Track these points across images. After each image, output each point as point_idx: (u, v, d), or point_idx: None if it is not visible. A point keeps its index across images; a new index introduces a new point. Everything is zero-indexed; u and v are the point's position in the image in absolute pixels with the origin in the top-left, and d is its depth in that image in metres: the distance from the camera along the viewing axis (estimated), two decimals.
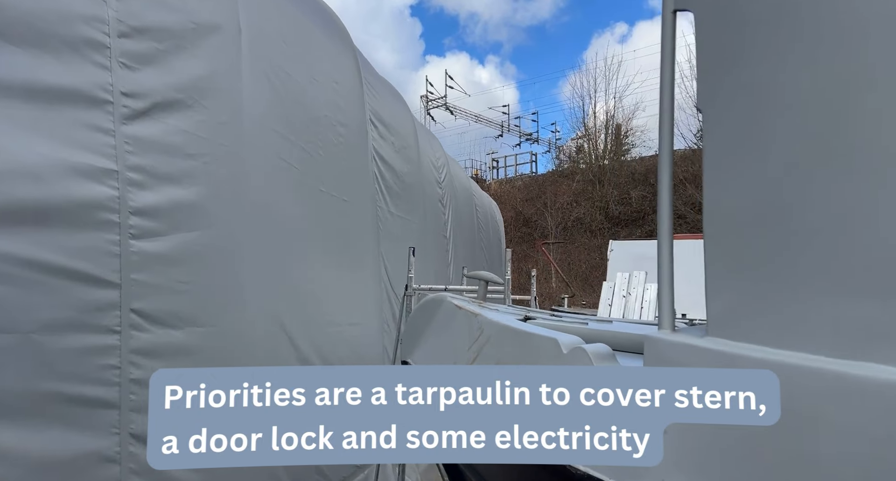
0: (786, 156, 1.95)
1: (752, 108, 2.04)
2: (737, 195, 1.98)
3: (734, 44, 2.10)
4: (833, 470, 1.39)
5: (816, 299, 1.55)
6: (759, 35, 2.10)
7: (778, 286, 1.68)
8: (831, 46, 2.00)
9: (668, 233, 2.23)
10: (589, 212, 26.94)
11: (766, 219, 1.96)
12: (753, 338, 1.70)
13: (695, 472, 1.68)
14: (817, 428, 1.41)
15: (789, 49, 2.10)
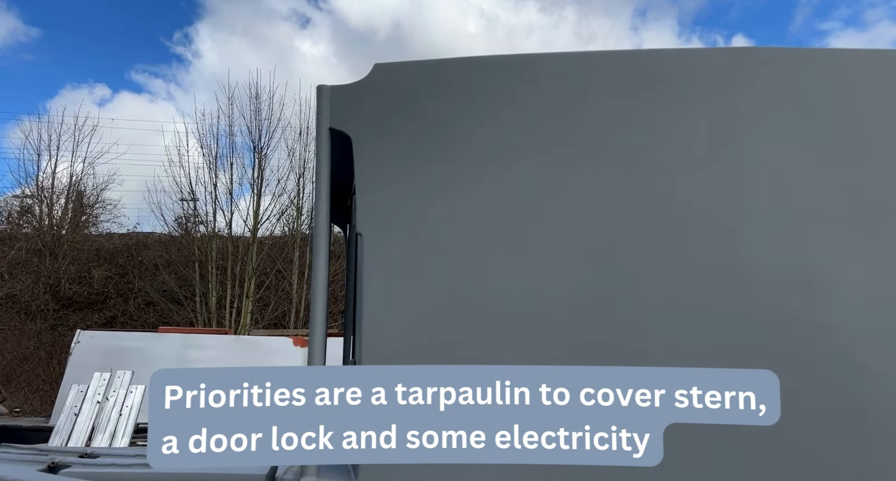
0: (445, 279, 2.11)
1: (412, 233, 2.16)
2: (396, 316, 2.09)
3: (393, 171, 2.21)
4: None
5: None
6: (418, 163, 2.24)
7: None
8: (489, 173, 2.20)
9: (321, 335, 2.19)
10: (29, 287, 20.33)
11: (427, 338, 2.08)
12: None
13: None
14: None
15: (446, 177, 2.24)
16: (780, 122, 2.14)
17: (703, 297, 2.01)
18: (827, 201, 2.06)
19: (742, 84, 2.20)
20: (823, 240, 2.03)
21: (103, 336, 12.35)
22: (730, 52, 2.47)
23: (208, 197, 20.69)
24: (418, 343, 2.06)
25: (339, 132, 2.24)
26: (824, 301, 1.98)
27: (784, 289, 1.98)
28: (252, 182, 20.69)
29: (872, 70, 2.21)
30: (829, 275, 1.99)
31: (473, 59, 2.37)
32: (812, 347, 1.92)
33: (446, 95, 2.29)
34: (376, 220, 2.16)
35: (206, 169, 20.60)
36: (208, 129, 20.48)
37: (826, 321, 1.95)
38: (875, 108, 2.15)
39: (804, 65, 2.23)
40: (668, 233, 2.08)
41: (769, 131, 2.13)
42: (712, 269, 2.03)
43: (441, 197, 2.17)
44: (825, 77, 2.21)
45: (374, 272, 2.10)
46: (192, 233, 21.36)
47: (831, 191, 2.07)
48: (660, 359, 1.89)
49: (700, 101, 2.20)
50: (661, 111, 2.19)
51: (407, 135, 2.24)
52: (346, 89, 2.29)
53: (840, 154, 2.11)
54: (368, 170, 2.19)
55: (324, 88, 2.30)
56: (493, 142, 2.21)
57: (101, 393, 9.47)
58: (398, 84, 2.31)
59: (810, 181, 2.08)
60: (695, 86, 2.23)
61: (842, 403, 1.89)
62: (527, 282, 2.07)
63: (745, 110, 2.17)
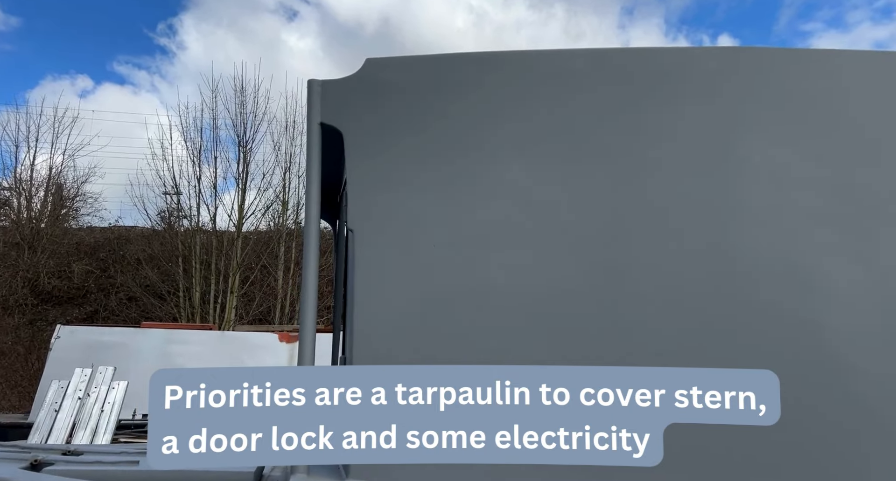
0: (436, 276, 2.12)
1: (404, 229, 2.16)
2: (387, 313, 2.09)
3: (385, 168, 2.20)
4: None
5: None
6: (411, 159, 2.24)
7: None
8: (483, 170, 2.20)
9: (311, 330, 2.16)
10: (7, 282, 19.83)
11: (419, 336, 2.09)
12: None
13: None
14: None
15: (439, 173, 2.23)
16: (768, 123, 2.17)
17: (683, 294, 2.03)
18: (812, 200, 2.09)
19: (730, 84, 2.22)
20: (807, 239, 2.06)
21: (84, 331, 12.03)
22: (717, 52, 2.49)
23: (192, 191, 20.35)
24: (410, 339, 2.05)
25: (331, 127, 2.22)
26: (802, 296, 2.01)
27: (767, 285, 2.01)
28: (237, 176, 20.39)
29: (855, 71, 2.25)
30: (812, 273, 2.02)
31: (468, 55, 2.37)
32: (795, 345, 1.95)
33: (440, 91, 2.28)
34: (368, 217, 2.14)
35: (190, 162, 20.26)
36: (192, 122, 20.13)
37: (807, 317, 1.98)
38: (861, 109, 2.19)
39: (789, 65, 2.26)
40: (654, 230, 2.09)
41: (758, 131, 2.15)
42: (695, 266, 2.05)
43: (434, 193, 2.16)
44: (811, 77, 2.24)
45: (366, 268, 2.09)
46: (175, 228, 20.92)
47: (818, 190, 2.10)
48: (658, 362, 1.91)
49: (688, 101, 2.22)
50: (648, 109, 2.20)
51: (399, 130, 2.23)
52: (337, 84, 2.27)
53: (828, 154, 2.15)
54: (360, 166, 2.18)
55: (314, 83, 2.27)
56: (486, 138, 2.21)
57: (82, 390, 9.27)
58: (391, 79, 2.30)
59: (796, 180, 2.11)
60: (682, 85, 2.24)
61: (827, 401, 1.92)
62: (520, 280, 2.08)
63: (734, 110, 2.19)
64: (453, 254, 2.10)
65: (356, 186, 2.18)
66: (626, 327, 2.01)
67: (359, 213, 2.15)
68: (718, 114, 2.18)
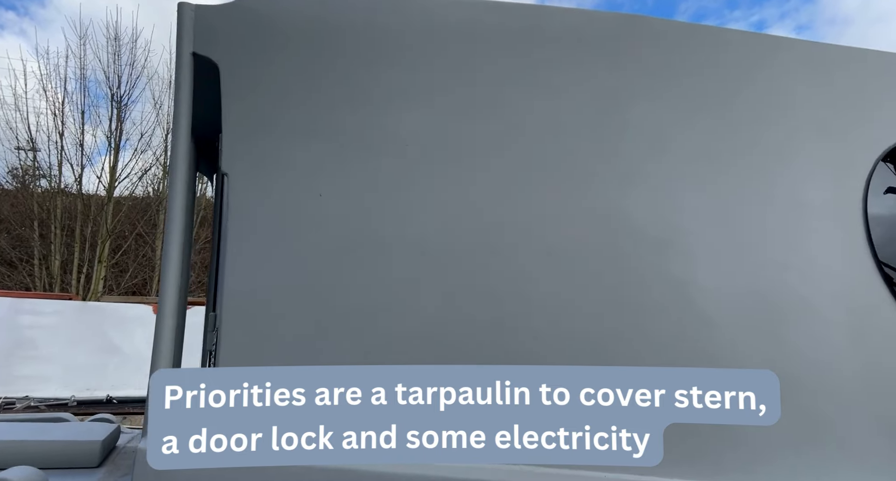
0: (320, 227, 1.96)
1: (284, 176, 1.96)
2: (261, 268, 1.90)
3: (265, 108, 2.01)
4: None
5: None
6: (294, 101, 2.03)
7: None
8: (370, 117, 2.07)
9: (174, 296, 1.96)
10: None
11: (297, 297, 1.92)
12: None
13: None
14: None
15: (323, 118, 2.03)
16: (667, 93, 2.17)
17: (580, 266, 2.00)
18: (697, 167, 2.13)
19: (631, 51, 2.21)
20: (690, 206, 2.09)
21: None
22: (622, 18, 2.40)
23: (52, 147, 17.95)
24: (287, 296, 1.90)
25: (205, 58, 2.02)
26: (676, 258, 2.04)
27: (663, 257, 2.03)
28: (109, 134, 17.97)
29: (748, 51, 2.28)
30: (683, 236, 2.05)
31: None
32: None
33: (332, 31, 2.10)
34: (244, 160, 1.95)
35: (51, 115, 17.84)
36: (53, 70, 17.83)
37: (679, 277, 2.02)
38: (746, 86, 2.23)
39: (693, 40, 2.27)
40: (548, 190, 2.05)
41: (655, 100, 2.16)
42: (594, 233, 2.04)
43: (317, 139, 2.00)
44: (710, 53, 2.26)
45: (240, 217, 1.90)
46: (30, 188, 18.60)
47: (702, 157, 2.14)
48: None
49: (590, 63, 2.17)
50: (551, 69, 2.15)
51: (283, 68, 2.05)
52: (215, 10, 2.06)
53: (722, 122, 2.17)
54: (238, 104, 1.99)
55: (186, 6, 2.07)
56: (375, 85, 2.07)
57: None
58: (279, 11, 2.10)
59: (688, 147, 2.13)
60: (587, 48, 2.19)
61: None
62: (405, 233, 1.97)
63: (632, 77, 2.18)
64: (338, 205, 1.96)
65: (232, 125, 1.98)
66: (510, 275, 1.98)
67: (234, 155, 1.95)
68: (613, 78, 2.17)
